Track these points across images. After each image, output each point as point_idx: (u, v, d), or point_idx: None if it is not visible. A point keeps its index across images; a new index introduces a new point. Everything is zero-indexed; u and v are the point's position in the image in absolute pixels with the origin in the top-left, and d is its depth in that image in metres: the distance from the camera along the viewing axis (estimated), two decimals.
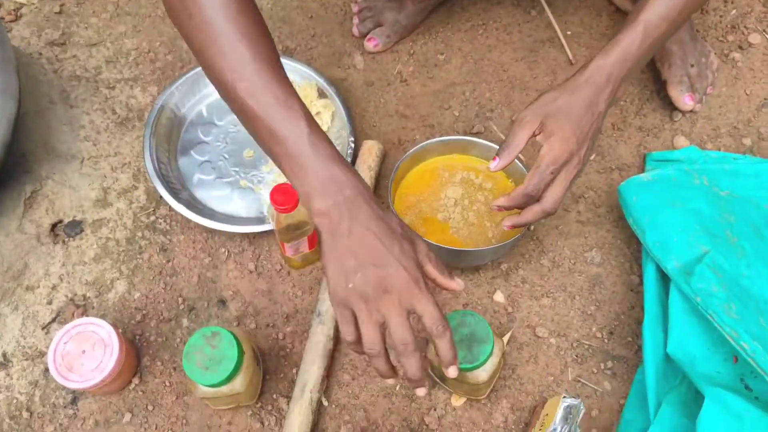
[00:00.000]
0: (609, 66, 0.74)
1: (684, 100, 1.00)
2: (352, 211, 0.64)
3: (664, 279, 0.86)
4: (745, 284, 0.81)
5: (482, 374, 0.76)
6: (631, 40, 0.74)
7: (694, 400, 0.77)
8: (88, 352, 0.80)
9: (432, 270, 0.67)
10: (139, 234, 0.96)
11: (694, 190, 0.89)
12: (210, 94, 1.04)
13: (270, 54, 0.66)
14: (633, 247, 0.94)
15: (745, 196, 0.91)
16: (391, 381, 0.68)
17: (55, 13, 1.14)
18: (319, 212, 0.65)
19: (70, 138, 1.00)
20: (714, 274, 0.80)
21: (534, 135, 0.74)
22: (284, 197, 0.79)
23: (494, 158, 0.76)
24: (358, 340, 0.65)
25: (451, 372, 0.66)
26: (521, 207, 0.77)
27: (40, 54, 1.09)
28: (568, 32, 1.11)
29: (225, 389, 0.76)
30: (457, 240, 0.91)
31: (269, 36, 0.68)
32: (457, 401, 0.85)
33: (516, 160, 0.92)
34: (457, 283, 0.69)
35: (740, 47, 1.08)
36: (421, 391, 0.66)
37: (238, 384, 0.77)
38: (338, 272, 0.64)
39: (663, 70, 1.01)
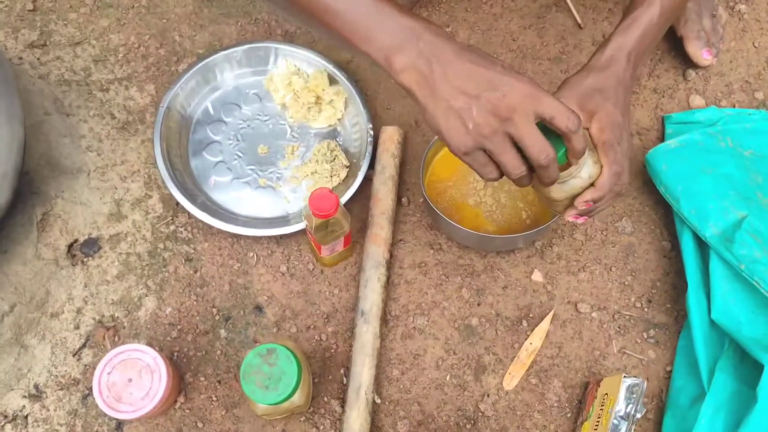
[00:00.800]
0: (629, 45, 0.72)
1: (703, 55, 0.99)
2: (438, 52, 0.60)
3: (701, 246, 0.87)
4: None
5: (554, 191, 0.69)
6: (650, 17, 0.72)
7: (742, 364, 0.79)
8: (135, 381, 0.77)
9: None
10: (161, 245, 0.92)
11: (721, 155, 0.90)
12: (215, 89, 0.99)
13: None
14: (660, 213, 0.95)
15: (767, 154, 0.92)
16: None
17: (29, 10, 1.06)
18: (404, 69, 0.61)
19: (73, 150, 0.94)
20: (754, 239, 0.81)
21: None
22: (323, 203, 0.77)
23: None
24: (501, 172, 0.63)
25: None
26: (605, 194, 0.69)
27: (21, 59, 1.01)
28: None
29: (285, 404, 0.75)
30: (491, 224, 0.90)
31: None
32: (509, 384, 0.86)
33: None
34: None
35: None
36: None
37: (297, 397, 0.76)
38: (452, 120, 0.60)
39: (679, 26, 1.00)
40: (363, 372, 0.83)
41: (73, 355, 0.86)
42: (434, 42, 0.60)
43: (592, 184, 0.68)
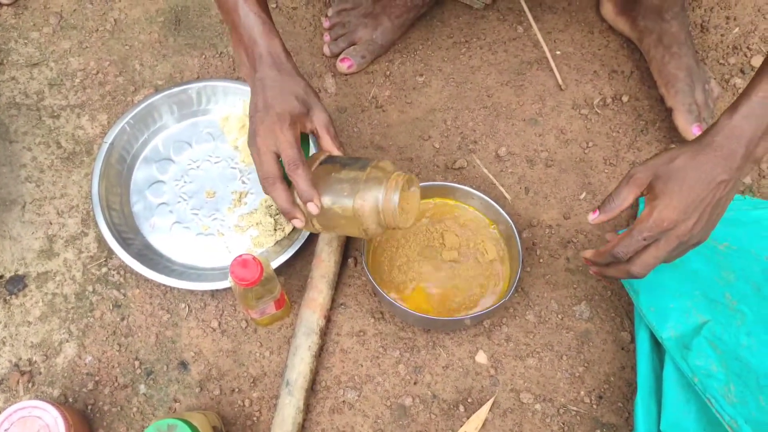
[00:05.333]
0: (745, 128, 0.63)
1: (693, 130, 0.92)
2: (263, 67, 0.73)
3: (658, 345, 0.80)
4: (744, 356, 0.76)
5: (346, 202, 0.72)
6: None
7: None
8: None
9: (324, 138, 0.77)
10: (90, 288, 0.88)
11: None
12: (165, 126, 0.95)
13: None
14: (624, 300, 0.88)
15: (745, 248, 0.85)
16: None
17: None
18: (244, 76, 0.77)
19: (10, 180, 0.91)
20: (713, 349, 0.74)
21: (642, 194, 0.68)
22: (244, 272, 0.72)
23: (595, 211, 0.71)
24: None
25: (311, 208, 0.72)
26: (607, 265, 0.71)
27: None
28: (558, 52, 1.02)
29: None
30: (435, 300, 0.84)
31: None
32: None
33: (494, 203, 0.86)
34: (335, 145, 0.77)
35: (742, 71, 1.00)
36: (297, 223, 0.75)
37: None
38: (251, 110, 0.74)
39: (668, 96, 0.93)
40: None
41: None
42: (264, 65, 0.74)
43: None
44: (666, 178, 0.65)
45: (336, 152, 0.77)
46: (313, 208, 0.72)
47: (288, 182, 0.73)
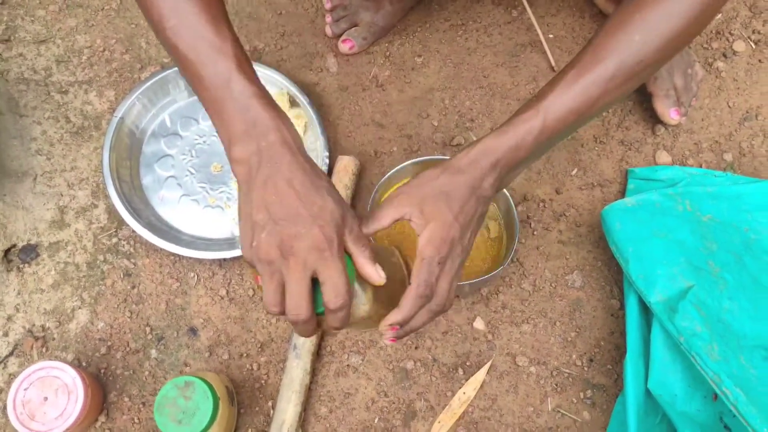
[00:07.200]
0: (499, 152, 0.63)
1: (670, 114, 0.97)
2: (273, 159, 0.58)
3: (646, 310, 0.85)
4: (726, 319, 0.81)
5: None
6: (529, 129, 0.62)
7: None
8: (50, 400, 0.76)
9: (352, 247, 0.60)
10: (101, 257, 0.90)
11: (677, 219, 0.88)
12: (174, 101, 0.97)
13: None
14: (613, 269, 0.93)
15: (727, 221, 0.90)
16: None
17: None
18: (237, 160, 0.59)
19: (21, 153, 0.93)
20: (697, 311, 0.79)
21: (407, 219, 0.63)
22: None
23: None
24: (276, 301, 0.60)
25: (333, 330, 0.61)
26: (416, 312, 0.62)
27: None
28: (551, 35, 1.06)
29: None
30: None
31: None
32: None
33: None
34: (378, 275, 0.60)
35: (724, 55, 1.05)
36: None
37: None
38: (246, 228, 0.59)
39: (648, 82, 0.98)
40: (288, 409, 0.81)
41: None
42: (276, 148, 0.59)
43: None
44: (435, 198, 0.63)
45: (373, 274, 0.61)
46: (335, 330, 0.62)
47: None
